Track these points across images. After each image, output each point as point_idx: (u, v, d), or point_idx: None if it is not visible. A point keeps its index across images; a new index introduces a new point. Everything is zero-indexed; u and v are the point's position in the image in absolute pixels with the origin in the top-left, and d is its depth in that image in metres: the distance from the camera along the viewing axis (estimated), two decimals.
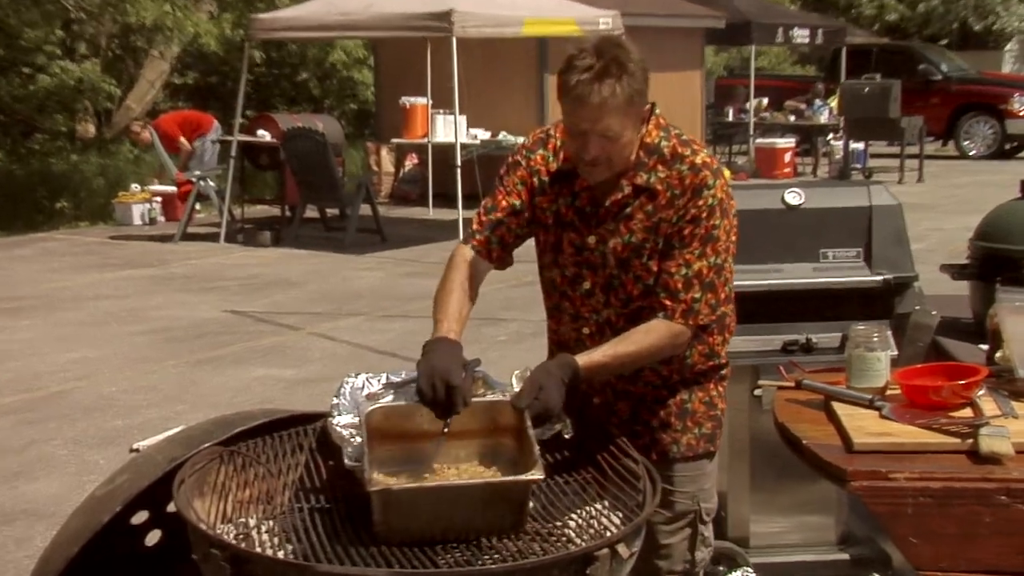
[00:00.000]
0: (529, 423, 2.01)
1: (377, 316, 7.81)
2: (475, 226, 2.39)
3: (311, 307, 8.13)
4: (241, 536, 1.91)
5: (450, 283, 2.30)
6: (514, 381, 2.14)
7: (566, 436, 2.15)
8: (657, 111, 2.31)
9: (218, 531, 1.92)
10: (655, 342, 2.27)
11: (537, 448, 1.94)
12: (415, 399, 2.06)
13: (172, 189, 12.25)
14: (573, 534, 1.94)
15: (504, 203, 2.36)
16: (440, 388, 1.99)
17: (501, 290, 7.56)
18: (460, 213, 9.98)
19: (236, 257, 10.27)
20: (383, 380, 2.21)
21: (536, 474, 1.89)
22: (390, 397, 2.16)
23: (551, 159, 2.37)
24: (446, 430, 2.00)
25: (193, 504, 1.95)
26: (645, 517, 1.93)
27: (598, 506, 2.03)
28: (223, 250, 10.65)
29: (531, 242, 2.46)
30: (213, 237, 11.07)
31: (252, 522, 1.98)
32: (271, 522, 1.98)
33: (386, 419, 2.06)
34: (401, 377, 2.22)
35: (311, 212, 11.41)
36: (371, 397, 2.16)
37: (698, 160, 2.29)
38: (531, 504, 1.97)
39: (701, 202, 2.26)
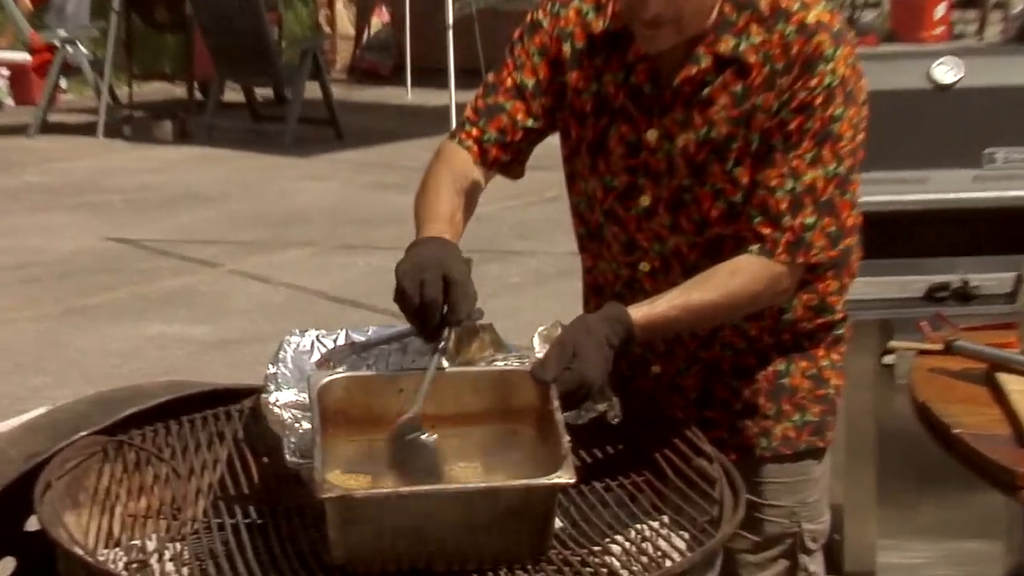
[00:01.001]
0: (557, 403, 2.00)
1: (331, 247, 7.84)
2: (468, 114, 2.42)
3: (234, 233, 8.15)
4: (135, 566, 1.90)
5: (435, 183, 2.34)
6: (536, 343, 2.13)
7: (612, 422, 2.15)
8: None
9: (101, 558, 1.90)
10: (744, 288, 2.27)
11: (567, 440, 1.93)
12: (399, 364, 2.10)
13: (25, 57, 12.24)
14: (618, 563, 1.92)
15: (509, 81, 2.38)
16: (433, 285, 2.01)
17: (512, 210, 7.59)
18: (452, 96, 9.96)
19: (122, 159, 10.28)
20: (341, 340, 2.21)
21: (564, 476, 1.87)
22: (352, 364, 2.16)
23: (591, 15, 2.38)
24: (442, 346, 2.02)
25: (64, 519, 1.93)
26: (722, 540, 1.92)
27: (654, 523, 2.02)
28: (103, 148, 10.66)
29: (555, 140, 2.46)
30: (88, 129, 11.08)
31: (151, 545, 1.96)
32: (178, 545, 1.96)
33: (347, 396, 2.05)
34: (367, 335, 2.21)
35: (232, 93, 11.39)
36: (324, 364, 2.16)
37: (811, 18, 2.27)
38: (557, 521, 1.94)
39: (815, 81, 2.25)
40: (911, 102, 3.34)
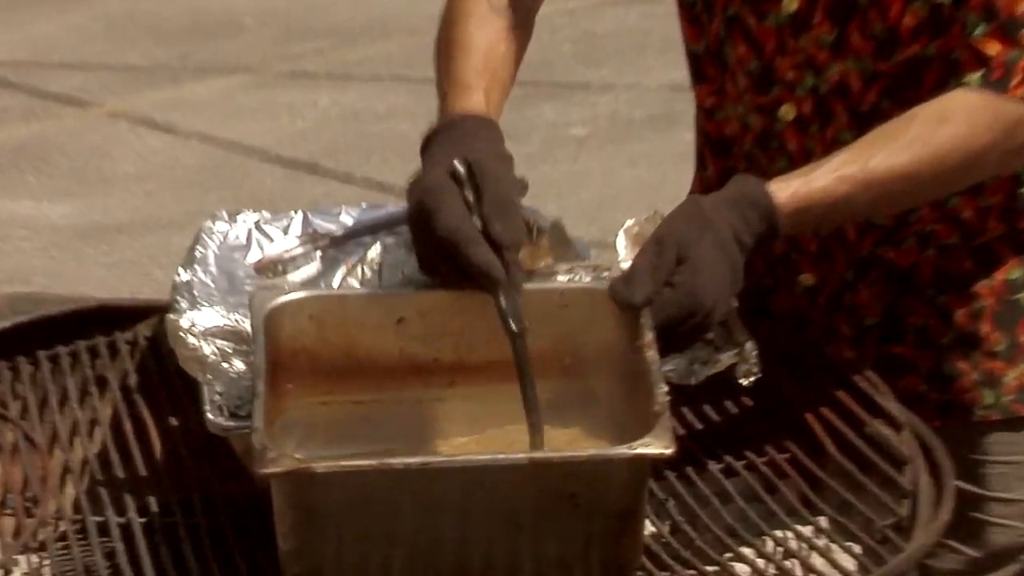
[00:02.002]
0: (651, 338, 1.83)
1: (276, 75, 7.52)
2: None
3: (117, 52, 7.78)
4: None
5: (465, 6, 2.21)
6: (622, 245, 2.02)
7: (743, 380, 1.99)
8: None
9: None
10: (958, 144, 2.06)
11: (664, 391, 1.77)
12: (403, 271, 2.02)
13: None
14: None
15: None
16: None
17: (575, 16, 7.22)
18: None
19: None
20: (295, 228, 2.12)
21: (655, 445, 1.72)
22: (314, 269, 2.07)
23: None
24: (514, 328, 1.87)
25: None
26: (916, 556, 1.79)
27: (804, 529, 1.89)
28: None
29: None
30: None
31: None
32: (35, 557, 1.87)
33: (314, 329, 1.94)
34: (337, 221, 2.13)
35: None
36: (267, 269, 2.07)
37: None
38: (648, 523, 1.82)
39: None
40: None
